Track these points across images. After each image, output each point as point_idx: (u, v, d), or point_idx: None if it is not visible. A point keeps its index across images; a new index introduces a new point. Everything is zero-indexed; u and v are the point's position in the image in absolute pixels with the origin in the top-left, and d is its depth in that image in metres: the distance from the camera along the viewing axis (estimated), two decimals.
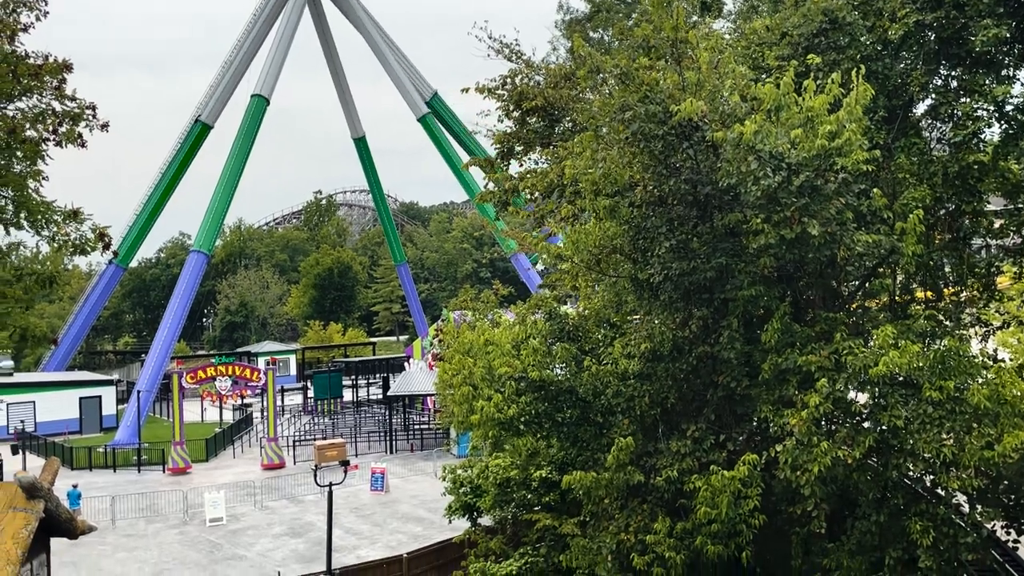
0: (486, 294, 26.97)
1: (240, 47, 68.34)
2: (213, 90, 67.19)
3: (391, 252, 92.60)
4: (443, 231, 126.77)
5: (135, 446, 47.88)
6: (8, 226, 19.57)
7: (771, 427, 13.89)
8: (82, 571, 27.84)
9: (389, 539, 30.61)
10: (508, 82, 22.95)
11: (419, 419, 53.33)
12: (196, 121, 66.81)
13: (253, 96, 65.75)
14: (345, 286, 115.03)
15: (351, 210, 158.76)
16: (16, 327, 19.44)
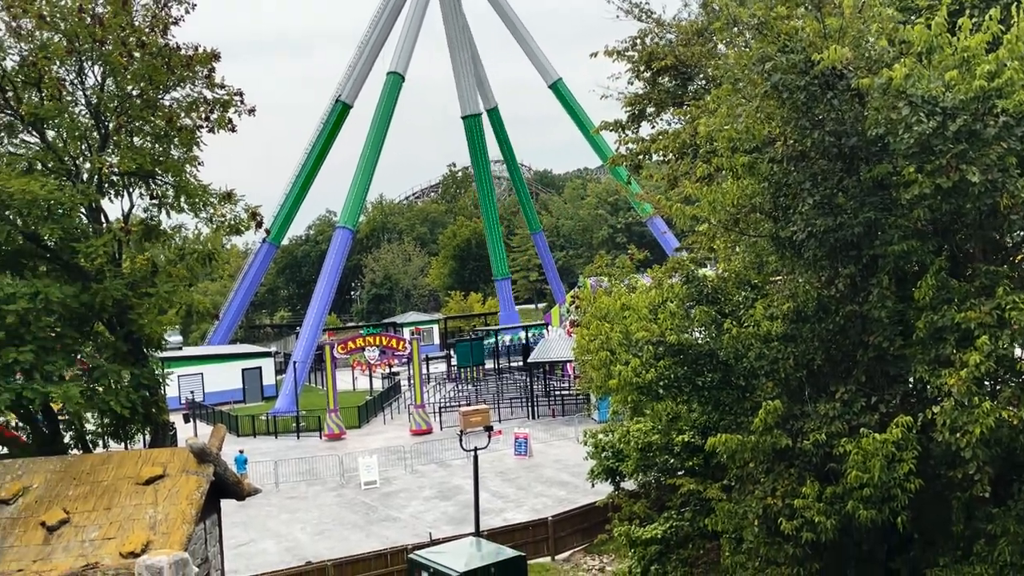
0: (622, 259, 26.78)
1: (375, 25, 69.99)
2: (351, 70, 69.22)
3: (526, 221, 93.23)
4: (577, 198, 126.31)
5: (293, 414, 50.61)
6: (170, 209, 20.93)
7: (928, 388, 13.22)
8: (250, 531, 29.78)
9: (534, 502, 31.17)
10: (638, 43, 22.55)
11: (559, 385, 53.80)
12: (337, 101, 69.09)
13: (389, 73, 67.30)
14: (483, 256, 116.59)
15: None
16: (182, 304, 20.78)
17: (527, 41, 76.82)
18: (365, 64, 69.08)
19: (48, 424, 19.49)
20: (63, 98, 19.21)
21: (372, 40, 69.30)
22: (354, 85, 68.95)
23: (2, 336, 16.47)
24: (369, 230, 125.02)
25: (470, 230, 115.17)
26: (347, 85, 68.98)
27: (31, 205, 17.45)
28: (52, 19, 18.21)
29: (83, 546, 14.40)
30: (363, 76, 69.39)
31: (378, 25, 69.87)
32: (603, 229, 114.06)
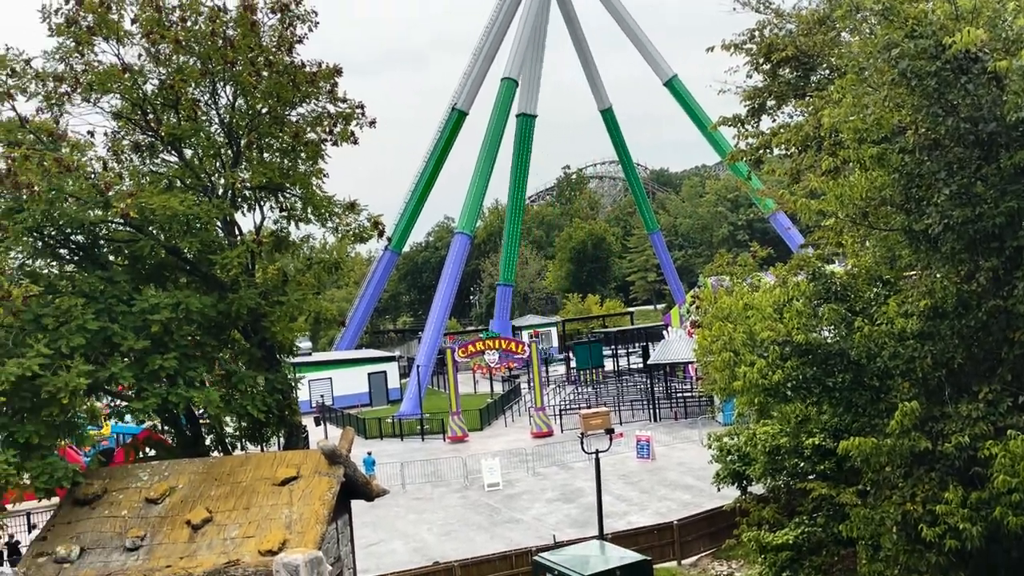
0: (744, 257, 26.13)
1: (488, 33, 70.86)
2: (466, 78, 70.30)
3: (643, 221, 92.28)
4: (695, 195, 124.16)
5: (418, 416, 51.72)
6: (298, 221, 21.79)
7: None
8: (379, 531, 30.59)
9: (658, 506, 30.78)
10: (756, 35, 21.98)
11: (681, 387, 52.96)
12: (453, 109, 70.29)
13: (503, 80, 67.97)
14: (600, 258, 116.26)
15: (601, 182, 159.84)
16: (311, 311, 21.59)
17: (640, 39, 76.13)
18: (480, 71, 70.02)
19: (191, 427, 20.60)
20: (198, 118, 20.32)
21: (486, 48, 70.21)
22: (469, 92, 69.99)
23: (148, 344, 17.51)
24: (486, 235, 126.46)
25: (586, 232, 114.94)
26: (463, 93, 70.10)
27: (172, 220, 18.51)
28: (187, 43, 19.28)
29: (225, 544, 15.15)
30: (478, 84, 70.33)
31: (491, 32, 70.72)
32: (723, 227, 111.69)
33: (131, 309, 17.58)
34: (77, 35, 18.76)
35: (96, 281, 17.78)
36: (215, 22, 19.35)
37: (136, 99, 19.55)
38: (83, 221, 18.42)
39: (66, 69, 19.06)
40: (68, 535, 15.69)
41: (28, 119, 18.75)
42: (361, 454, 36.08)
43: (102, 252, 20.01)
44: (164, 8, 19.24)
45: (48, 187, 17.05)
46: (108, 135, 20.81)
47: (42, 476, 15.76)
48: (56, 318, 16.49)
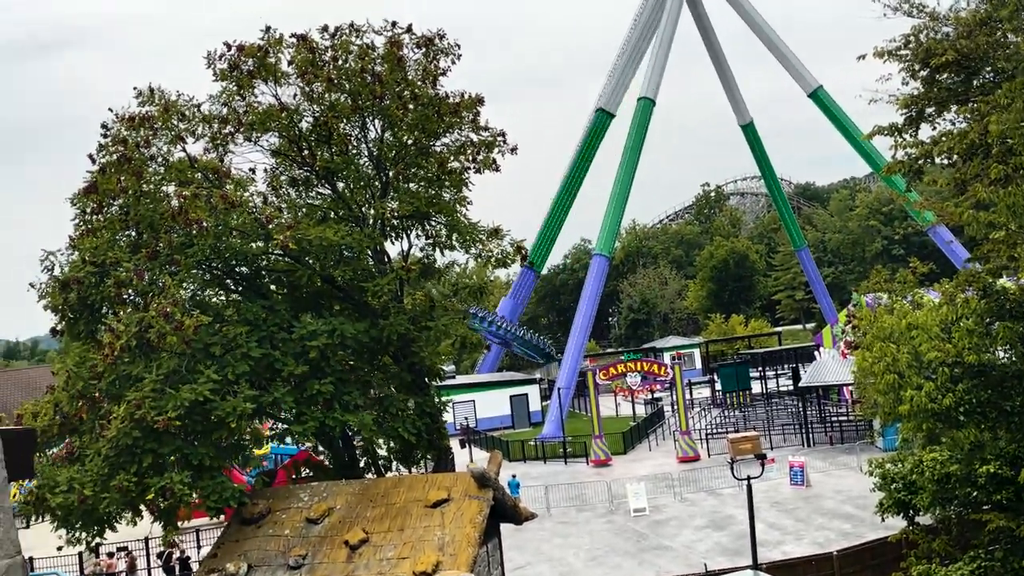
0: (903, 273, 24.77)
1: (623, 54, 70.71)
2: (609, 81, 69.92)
3: (789, 237, 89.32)
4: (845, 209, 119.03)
5: (560, 439, 51.67)
6: (443, 248, 22.31)
7: None
8: (525, 554, 30.66)
9: (815, 535, 29.43)
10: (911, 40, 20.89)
11: (835, 410, 50.62)
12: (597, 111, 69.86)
13: (640, 99, 67.58)
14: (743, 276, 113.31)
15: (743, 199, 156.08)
16: (458, 335, 22.02)
17: (781, 50, 74.10)
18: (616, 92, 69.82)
19: (346, 449, 21.32)
20: (349, 152, 21.20)
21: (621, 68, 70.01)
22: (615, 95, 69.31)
23: (307, 369, 18.28)
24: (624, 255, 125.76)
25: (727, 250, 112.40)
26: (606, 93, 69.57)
27: (327, 250, 19.33)
28: (339, 81, 20.17)
29: (381, 564, 15.52)
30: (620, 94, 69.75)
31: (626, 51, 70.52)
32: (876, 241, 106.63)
33: (291, 336, 18.42)
34: (239, 79, 19.99)
35: (258, 310, 18.74)
36: (364, 60, 20.17)
37: (292, 136, 20.59)
38: (246, 253, 19.49)
39: (229, 111, 20.31)
40: (236, 552, 16.49)
41: (196, 159, 20.08)
42: (506, 477, 36.34)
43: (263, 282, 21.12)
44: (317, 49, 20.22)
45: (215, 222, 18.14)
46: (267, 171, 22.02)
47: (213, 495, 16.66)
48: (223, 346, 17.46)
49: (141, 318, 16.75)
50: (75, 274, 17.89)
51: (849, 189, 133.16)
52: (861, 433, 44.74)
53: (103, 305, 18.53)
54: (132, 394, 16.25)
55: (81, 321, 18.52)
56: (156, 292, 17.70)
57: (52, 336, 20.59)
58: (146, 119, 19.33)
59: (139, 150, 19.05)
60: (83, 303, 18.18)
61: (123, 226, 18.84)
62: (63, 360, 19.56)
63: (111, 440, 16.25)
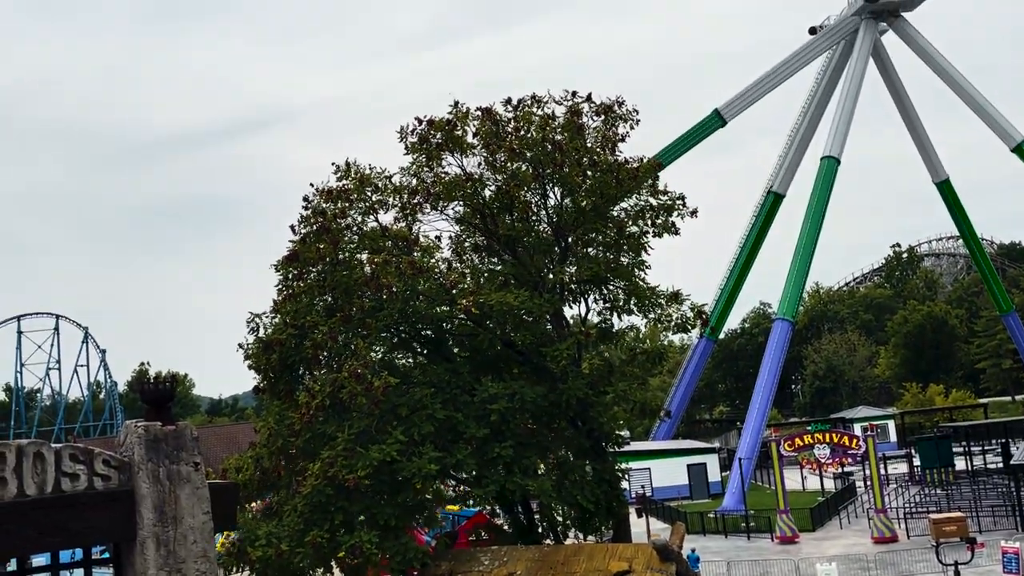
0: None
1: (805, 113, 68.96)
2: (783, 160, 68.67)
3: (993, 301, 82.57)
4: None
5: (742, 512, 49.40)
6: (621, 312, 22.20)
7: None
8: None
9: None
10: None
11: None
12: (769, 192, 68.73)
13: (823, 158, 65.36)
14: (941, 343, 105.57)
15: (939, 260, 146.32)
16: (636, 401, 21.70)
17: (979, 103, 69.73)
18: (796, 152, 68.09)
19: (524, 513, 21.32)
20: (529, 219, 21.69)
21: (803, 128, 68.31)
22: (786, 175, 68.16)
23: (487, 432, 18.53)
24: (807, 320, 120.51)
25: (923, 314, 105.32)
26: (779, 175, 68.43)
27: (507, 315, 19.70)
28: (521, 151, 20.78)
29: None
30: (795, 165, 68.37)
31: (808, 112, 68.77)
32: None
33: (472, 399, 18.79)
34: (428, 151, 21.01)
35: (443, 372, 19.29)
36: (545, 129, 20.72)
37: (476, 204, 21.32)
38: (432, 317, 20.21)
39: (418, 182, 21.35)
40: None
41: (387, 228, 21.15)
42: (685, 550, 35.02)
43: (447, 345, 21.76)
44: (500, 121, 20.97)
45: (404, 287, 18.94)
46: (451, 238, 22.89)
47: (397, 556, 17.04)
48: (409, 407, 18.05)
49: (335, 379, 17.63)
50: (278, 336, 19.13)
51: None
52: None
53: (301, 366, 19.68)
54: (326, 452, 17.03)
55: (281, 380, 19.73)
56: (349, 354, 18.62)
57: (254, 394, 22.07)
58: (343, 191, 20.63)
59: (336, 220, 20.31)
60: (283, 363, 19.38)
61: (320, 291, 20.04)
62: (265, 418, 20.84)
63: (306, 497, 17.04)
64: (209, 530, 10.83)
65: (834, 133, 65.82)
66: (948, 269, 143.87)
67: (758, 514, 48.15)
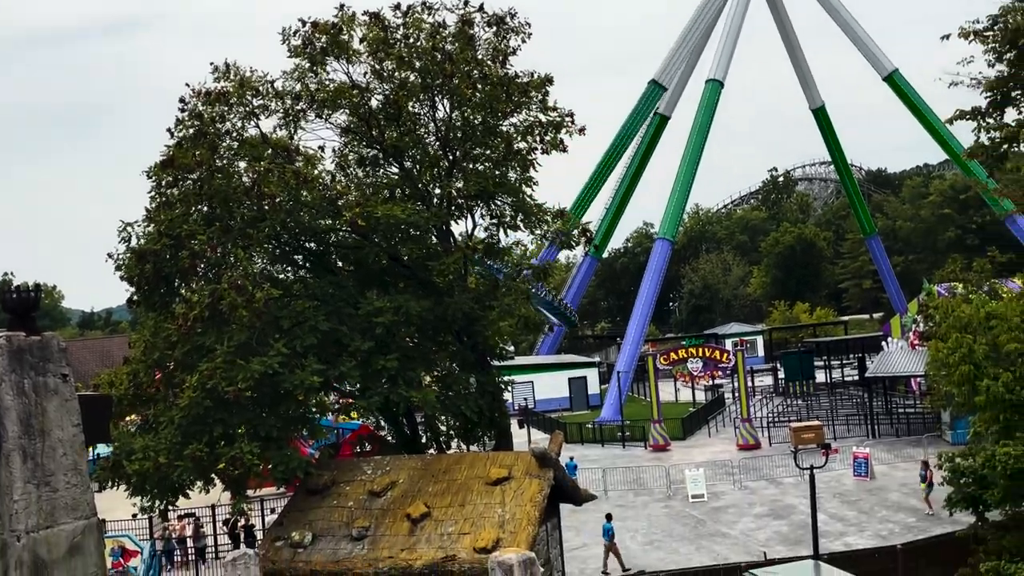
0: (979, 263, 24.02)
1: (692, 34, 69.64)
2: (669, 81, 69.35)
3: (858, 224, 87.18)
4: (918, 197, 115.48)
5: (618, 423, 51.50)
6: (508, 228, 22.32)
7: None
8: (582, 535, 30.66)
9: (878, 528, 28.85)
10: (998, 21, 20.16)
11: (902, 402, 49.43)
12: (655, 114, 69.61)
13: (708, 81, 66.48)
14: (809, 264, 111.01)
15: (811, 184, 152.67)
16: (520, 316, 22.08)
17: (856, 32, 72.08)
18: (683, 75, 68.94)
19: (408, 424, 21.60)
20: (417, 130, 21.33)
21: (688, 50, 69.00)
22: (672, 97, 69.08)
23: (372, 345, 18.54)
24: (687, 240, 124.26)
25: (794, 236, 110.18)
26: (665, 97, 69.27)
27: (394, 228, 19.53)
28: (410, 60, 20.27)
29: (442, 539, 15.74)
30: (680, 88, 69.28)
31: (695, 35, 69.44)
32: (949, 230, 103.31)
33: (357, 312, 18.69)
34: (312, 56, 20.22)
35: (326, 285, 19.06)
36: (435, 38, 20.23)
37: (362, 114, 20.78)
38: (315, 229, 19.82)
39: (302, 88, 20.58)
40: (301, 522, 16.88)
41: (268, 135, 20.41)
42: (563, 459, 36.31)
43: (331, 258, 21.44)
44: (389, 27, 20.34)
45: (287, 198, 18.45)
46: (335, 150, 22.30)
47: (280, 466, 17.06)
48: (292, 320, 17.81)
49: (213, 290, 17.18)
50: (152, 246, 18.41)
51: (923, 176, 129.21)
52: (929, 425, 43.60)
53: (177, 277, 19.04)
54: (205, 365, 16.70)
55: (156, 292, 19.08)
56: (228, 265, 18.12)
57: (128, 307, 21.28)
58: (222, 94, 19.72)
59: (214, 125, 19.46)
60: (158, 275, 18.71)
61: (197, 200, 19.29)
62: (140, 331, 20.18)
63: (184, 409, 16.74)
64: (80, 443, 10.53)
65: (719, 57, 66.90)
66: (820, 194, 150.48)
67: (633, 424, 50.30)
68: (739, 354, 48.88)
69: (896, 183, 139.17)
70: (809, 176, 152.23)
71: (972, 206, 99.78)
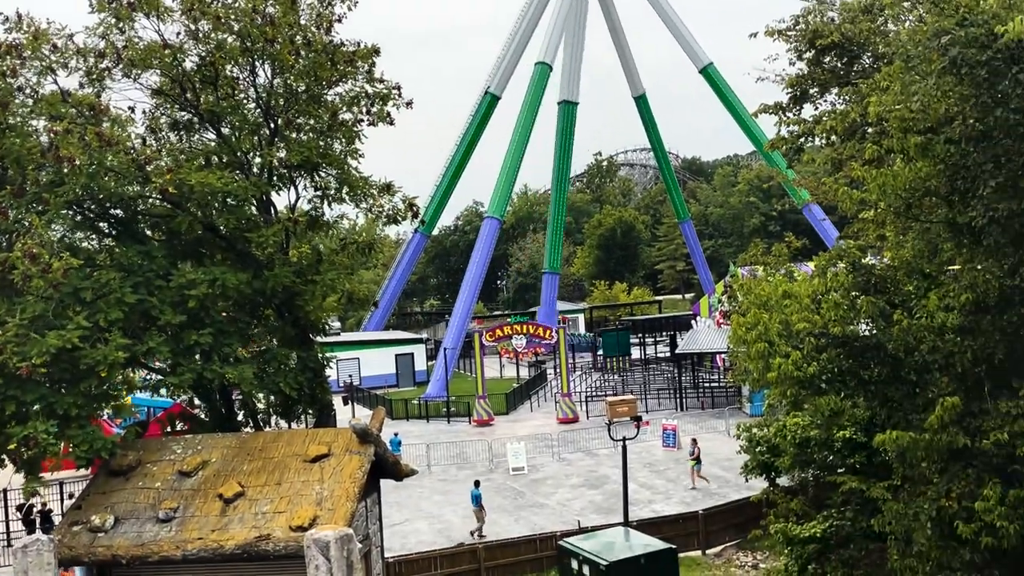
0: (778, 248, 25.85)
1: (524, 16, 70.49)
2: (500, 62, 70.03)
3: (674, 209, 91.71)
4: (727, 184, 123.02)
5: (444, 399, 51.94)
6: (333, 201, 21.83)
7: None
8: (404, 511, 30.81)
9: (683, 495, 30.72)
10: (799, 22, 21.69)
11: (708, 376, 52.72)
12: (486, 93, 70.09)
13: (537, 64, 67.60)
14: (628, 245, 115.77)
15: (632, 170, 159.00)
16: (344, 291, 21.72)
17: (676, 24, 75.41)
18: (514, 56, 69.74)
19: (223, 402, 20.80)
20: (236, 96, 20.42)
21: (520, 31, 69.85)
22: (503, 76, 69.76)
23: (184, 319, 17.68)
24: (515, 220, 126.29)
25: (615, 219, 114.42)
26: (496, 76, 69.89)
27: (209, 197, 18.64)
28: (227, 20, 19.33)
29: (256, 518, 15.31)
30: (511, 68, 70.05)
31: (527, 16, 70.35)
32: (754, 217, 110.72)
33: (168, 284, 17.76)
34: (117, 11, 18.88)
35: (134, 255, 17.96)
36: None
37: (176, 76, 19.66)
38: (122, 196, 18.61)
39: (107, 45, 19.20)
40: (103, 505, 15.92)
41: (70, 93, 18.91)
42: (388, 435, 36.25)
43: (140, 227, 20.23)
44: None
45: (89, 161, 17.19)
46: (147, 112, 20.98)
47: (82, 445, 16.00)
48: (95, 291, 16.68)
49: (5, 258, 15.82)
50: None
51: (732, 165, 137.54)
52: (731, 399, 46.79)
53: None
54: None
55: None
56: (22, 232, 16.73)
57: None
58: (13, 47, 18.08)
59: (5, 79, 17.83)
60: None
61: None
62: None
63: None
64: None
65: (548, 40, 68.17)
66: (640, 178, 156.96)
67: (459, 400, 50.88)
68: (561, 331, 50.40)
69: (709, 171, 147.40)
70: (631, 162, 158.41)
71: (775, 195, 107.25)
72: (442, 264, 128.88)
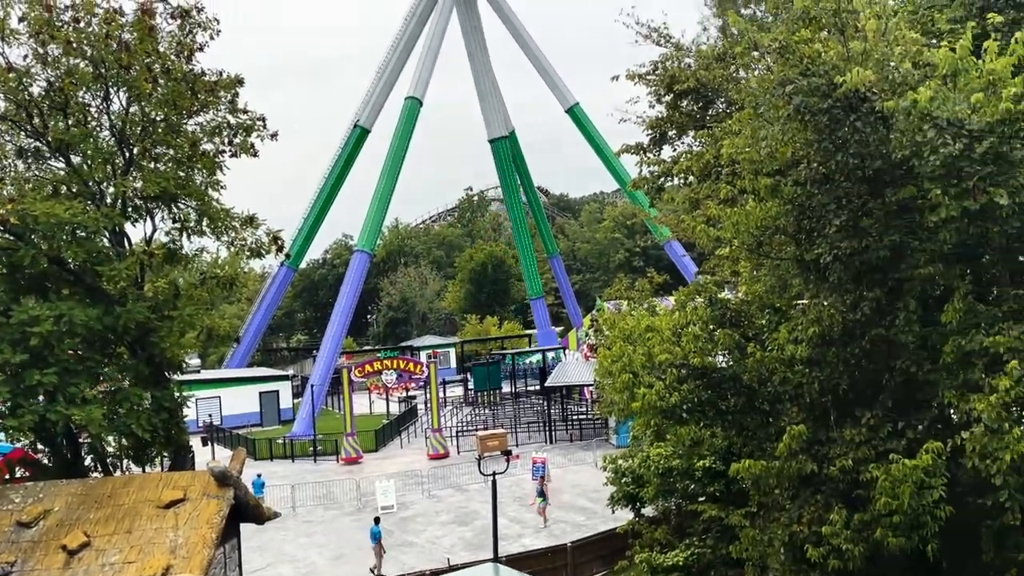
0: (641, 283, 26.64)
1: (394, 51, 70.62)
2: (370, 95, 69.78)
3: (544, 245, 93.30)
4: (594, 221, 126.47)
5: (311, 437, 50.55)
6: (192, 233, 21.06)
7: (955, 413, 13.05)
8: (267, 555, 29.67)
9: (552, 528, 30.91)
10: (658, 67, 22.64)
11: (577, 409, 53.53)
12: (355, 126, 69.61)
13: (407, 99, 67.72)
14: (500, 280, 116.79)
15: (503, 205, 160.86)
16: (203, 327, 20.90)
17: (543, 65, 77.30)
18: (384, 89, 69.65)
19: (69, 446, 19.52)
20: (88, 123, 19.46)
21: (391, 66, 69.92)
22: (372, 110, 69.52)
23: (26, 358, 16.57)
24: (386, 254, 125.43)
25: (486, 253, 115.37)
26: (365, 110, 69.56)
27: (55, 228, 17.60)
28: (79, 45, 18.46)
29: (103, 570, 14.36)
30: (381, 102, 69.95)
31: (397, 50, 70.53)
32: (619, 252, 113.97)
33: (8, 321, 16.61)
34: None
35: None
36: (110, 25, 18.61)
37: (21, 101, 18.58)
38: None
39: None
40: None
41: None
42: (251, 476, 34.94)
43: None
44: (55, 8, 18.38)
45: None
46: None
47: None
48: None
49: None
50: None
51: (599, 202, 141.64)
52: (599, 431, 47.64)
53: None
54: None
55: None
56: None
57: None
58: None
59: None
60: None
61: None
62: None
63: None
64: None
65: (418, 75, 68.47)
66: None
67: (326, 438, 49.68)
68: (432, 366, 50.11)
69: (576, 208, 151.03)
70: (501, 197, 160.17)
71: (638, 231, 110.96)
72: (310, 298, 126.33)
